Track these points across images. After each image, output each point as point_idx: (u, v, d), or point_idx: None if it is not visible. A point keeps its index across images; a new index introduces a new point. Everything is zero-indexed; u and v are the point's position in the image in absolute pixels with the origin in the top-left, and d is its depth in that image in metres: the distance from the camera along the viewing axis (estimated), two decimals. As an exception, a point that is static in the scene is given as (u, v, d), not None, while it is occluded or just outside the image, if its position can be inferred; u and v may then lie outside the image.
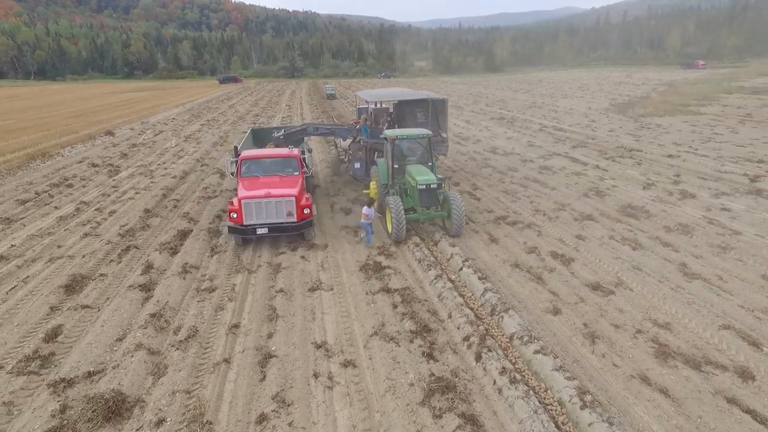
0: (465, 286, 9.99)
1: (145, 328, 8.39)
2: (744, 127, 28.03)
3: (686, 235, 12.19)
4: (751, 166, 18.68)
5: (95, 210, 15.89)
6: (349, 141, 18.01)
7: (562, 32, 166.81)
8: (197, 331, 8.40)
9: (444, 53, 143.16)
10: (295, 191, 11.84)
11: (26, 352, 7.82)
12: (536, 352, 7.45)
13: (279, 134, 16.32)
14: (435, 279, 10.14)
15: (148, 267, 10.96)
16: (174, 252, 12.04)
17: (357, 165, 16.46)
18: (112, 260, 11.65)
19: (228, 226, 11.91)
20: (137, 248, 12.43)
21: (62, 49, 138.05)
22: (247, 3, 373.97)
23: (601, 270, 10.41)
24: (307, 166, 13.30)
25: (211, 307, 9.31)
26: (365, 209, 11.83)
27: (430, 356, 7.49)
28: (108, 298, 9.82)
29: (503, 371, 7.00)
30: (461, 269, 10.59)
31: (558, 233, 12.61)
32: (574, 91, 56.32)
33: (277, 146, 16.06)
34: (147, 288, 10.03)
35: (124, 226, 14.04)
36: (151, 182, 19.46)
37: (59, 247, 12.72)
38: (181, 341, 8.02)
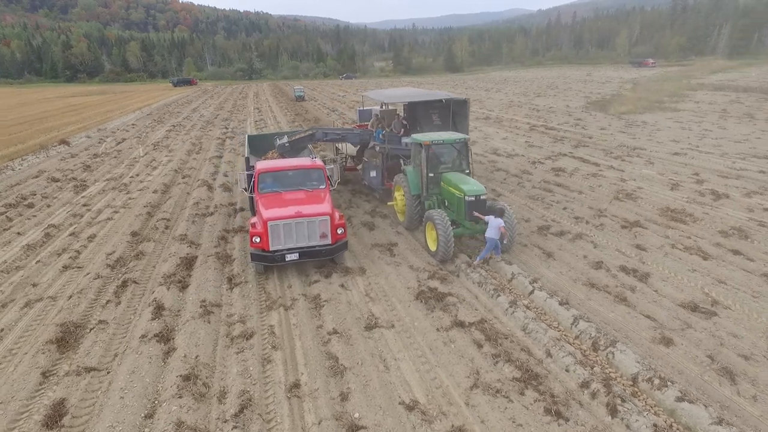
0: (545, 314, 8.69)
1: (180, 396, 6.56)
2: (727, 122, 28.47)
3: (746, 240, 11.44)
4: (762, 163, 18.53)
5: (70, 235, 13.52)
6: (358, 147, 16.39)
7: (517, 33, 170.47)
8: (250, 397, 6.63)
9: (404, 54, 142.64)
10: (328, 209, 10.17)
11: (25, 447, 5.84)
12: (679, 399, 6.22)
13: (283, 141, 14.48)
14: (510, 307, 8.77)
15: (158, 308, 8.99)
16: (183, 286, 10.08)
17: (373, 173, 14.87)
18: (108, 301, 9.56)
19: (251, 253, 10.06)
20: (136, 283, 10.36)
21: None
22: (195, 3, 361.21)
23: (684, 286, 9.38)
24: (331, 179, 11.61)
25: (255, 360, 7.54)
26: (498, 221, 10.04)
27: (557, 414, 6.11)
28: (117, 355, 7.83)
29: (657, 430, 5.71)
30: (532, 293, 9.29)
31: (613, 243, 11.57)
32: (545, 90, 56.75)
33: (281, 155, 14.30)
34: (164, 337, 8.10)
35: (110, 254, 11.86)
36: (129, 198, 17.09)
37: (34, 285, 10.45)
38: (235, 414, 6.25)
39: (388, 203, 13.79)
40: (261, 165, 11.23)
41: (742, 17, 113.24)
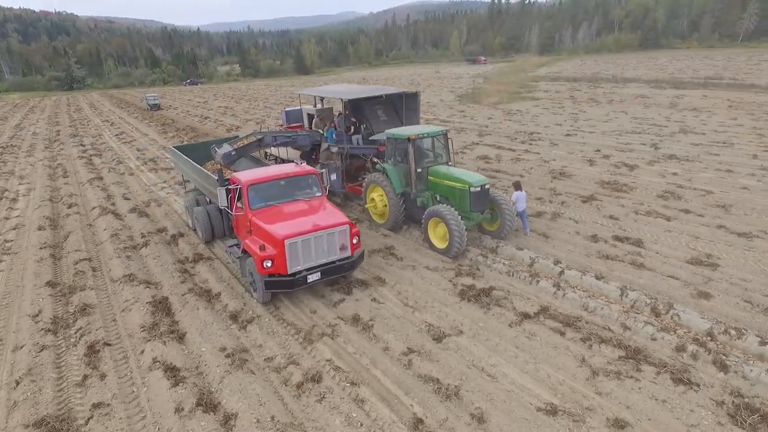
0: (588, 290, 8.91)
1: (295, 473, 5.11)
2: (582, 106, 33.15)
3: (682, 200, 13.32)
4: (636, 137, 21.94)
5: (-53, 301, 9.78)
6: (307, 149, 14.98)
7: (359, 34, 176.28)
8: (383, 448, 5.46)
9: (251, 57, 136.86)
10: (345, 217, 9.00)
11: None
12: (761, 343, 6.88)
13: (226, 150, 12.54)
14: (557, 290, 8.81)
15: (169, 369, 6.98)
16: (180, 336, 8.02)
17: (333, 176, 13.69)
18: (86, 375, 7.09)
19: (264, 281, 8.37)
20: (108, 344, 7.89)
21: None
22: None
23: (674, 245, 10.51)
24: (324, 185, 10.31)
25: (347, 403, 6.26)
26: (522, 193, 11.40)
27: (688, 383, 6.25)
28: (154, 444, 5.81)
29: (773, 375, 6.21)
30: (562, 273, 9.48)
31: (588, 217, 12.47)
32: (410, 87, 59.50)
33: (226, 166, 12.45)
34: (209, 404, 6.28)
35: (36, 316, 8.89)
36: (5, 241, 13.13)
37: (-61, 379, 7.27)
38: (384, 475, 5.07)
39: (365, 206, 12.85)
40: (245, 176, 9.43)
41: (546, 20, 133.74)
